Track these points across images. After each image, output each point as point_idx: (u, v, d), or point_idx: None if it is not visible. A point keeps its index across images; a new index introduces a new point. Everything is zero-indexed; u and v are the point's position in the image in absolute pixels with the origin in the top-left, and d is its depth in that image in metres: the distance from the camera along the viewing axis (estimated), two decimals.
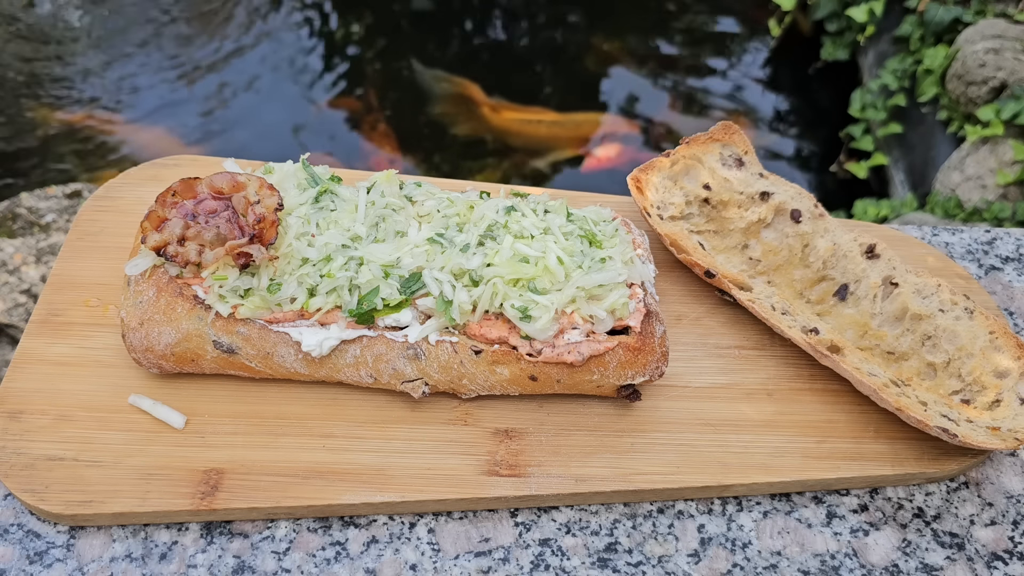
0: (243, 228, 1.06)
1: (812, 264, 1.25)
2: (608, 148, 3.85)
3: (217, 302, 1.04)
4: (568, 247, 1.08)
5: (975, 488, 1.13)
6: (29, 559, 0.99)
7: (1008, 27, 3.36)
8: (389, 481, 1.03)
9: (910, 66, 3.60)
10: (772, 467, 1.08)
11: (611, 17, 4.39)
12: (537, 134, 3.86)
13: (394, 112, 3.89)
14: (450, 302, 1.03)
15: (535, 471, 1.06)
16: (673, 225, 1.28)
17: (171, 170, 1.34)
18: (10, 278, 2.60)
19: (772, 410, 1.14)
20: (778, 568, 1.04)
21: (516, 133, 3.85)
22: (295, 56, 4.09)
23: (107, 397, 1.09)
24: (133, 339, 1.06)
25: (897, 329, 1.19)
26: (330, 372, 1.07)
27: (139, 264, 1.06)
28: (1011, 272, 1.39)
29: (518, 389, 1.08)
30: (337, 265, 1.04)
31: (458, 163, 3.74)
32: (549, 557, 1.03)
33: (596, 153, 3.83)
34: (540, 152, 3.81)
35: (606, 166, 3.79)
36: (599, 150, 3.84)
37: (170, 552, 1.00)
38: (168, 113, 3.79)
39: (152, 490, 1.01)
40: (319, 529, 1.04)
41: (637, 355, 1.05)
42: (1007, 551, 1.07)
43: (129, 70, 3.93)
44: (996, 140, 3.16)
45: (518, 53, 4.23)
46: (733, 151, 1.34)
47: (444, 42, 4.21)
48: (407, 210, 1.13)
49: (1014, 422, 1.08)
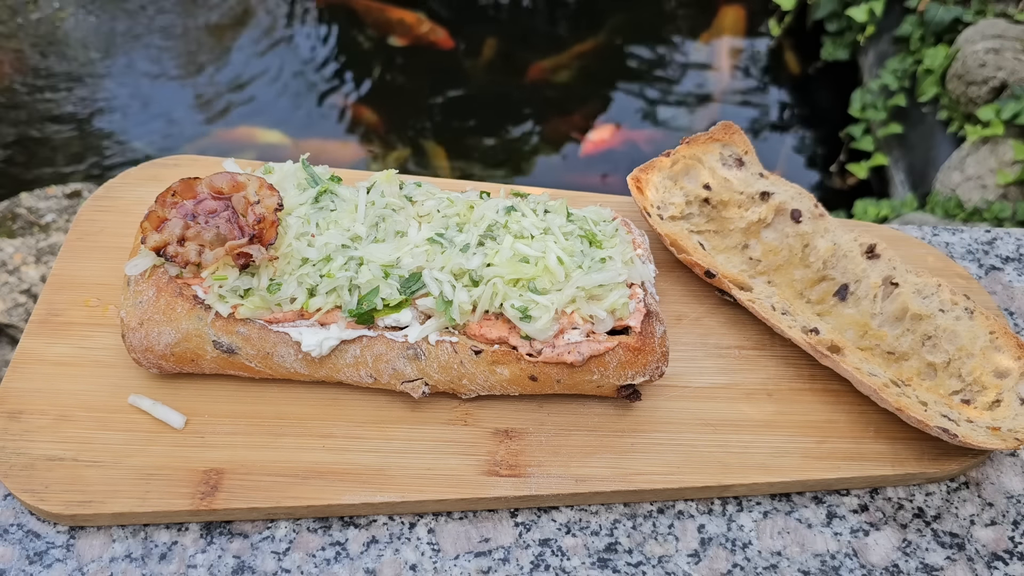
0: (243, 228, 1.06)
1: (812, 264, 1.25)
2: (601, 131, 3.85)
3: (217, 302, 1.04)
4: (568, 247, 1.08)
5: (975, 488, 1.13)
6: (29, 559, 0.99)
7: (1008, 27, 3.36)
8: (389, 481, 1.03)
9: (910, 66, 3.60)
10: (772, 467, 1.08)
11: (609, 14, 4.39)
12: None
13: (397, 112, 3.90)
14: (450, 302, 1.03)
15: (535, 471, 1.06)
16: (673, 225, 1.28)
17: (171, 170, 1.34)
18: (10, 278, 2.60)
19: (772, 410, 1.14)
20: (778, 568, 1.04)
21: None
22: (296, 56, 4.09)
23: (107, 397, 1.09)
24: (133, 339, 1.06)
25: (897, 329, 1.19)
26: (330, 372, 1.07)
27: (139, 264, 1.06)
28: (1011, 272, 1.39)
29: (518, 389, 1.08)
30: (337, 265, 1.04)
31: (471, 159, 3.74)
32: (549, 557, 1.03)
33: (591, 137, 3.83)
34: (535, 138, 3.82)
35: (603, 148, 3.80)
36: (593, 134, 3.84)
37: (170, 552, 1.00)
38: (168, 113, 3.79)
39: (152, 490, 1.00)
40: (319, 529, 1.03)
41: (637, 355, 1.05)
42: (1007, 551, 1.07)
43: (129, 70, 3.92)
44: (996, 140, 3.16)
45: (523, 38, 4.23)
46: (733, 151, 1.34)
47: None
48: (407, 210, 1.13)
49: (1014, 422, 1.08)
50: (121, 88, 3.85)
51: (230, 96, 3.86)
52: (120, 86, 3.86)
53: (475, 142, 3.79)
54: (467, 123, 3.85)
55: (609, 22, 4.30)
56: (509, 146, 3.80)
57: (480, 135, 3.81)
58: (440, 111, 3.89)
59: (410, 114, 3.88)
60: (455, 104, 3.91)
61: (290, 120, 3.81)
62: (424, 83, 3.98)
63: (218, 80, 3.90)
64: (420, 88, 3.97)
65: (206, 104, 3.83)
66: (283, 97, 3.88)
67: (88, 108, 3.75)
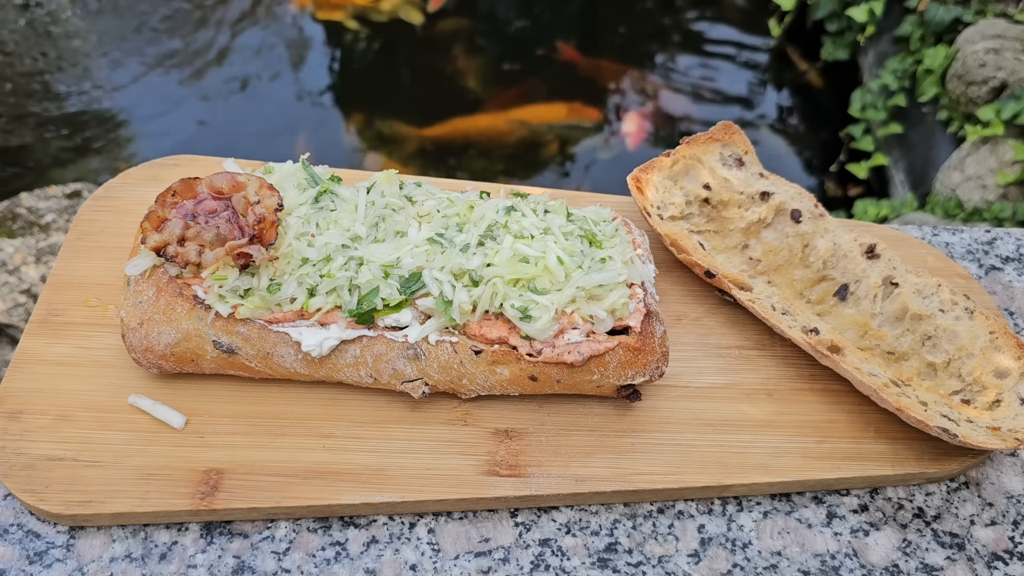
0: (243, 228, 1.06)
1: (812, 264, 1.25)
2: (629, 121, 3.87)
3: (217, 302, 1.04)
4: (568, 247, 1.08)
5: (975, 488, 1.13)
6: (29, 559, 0.99)
7: (1008, 27, 3.36)
8: (389, 481, 1.03)
9: (910, 66, 3.60)
10: (772, 467, 1.08)
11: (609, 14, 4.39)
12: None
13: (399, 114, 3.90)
14: (450, 302, 1.03)
15: (535, 471, 1.06)
16: (673, 225, 1.28)
17: (171, 170, 1.34)
18: (10, 278, 2.60)
19: (772, 410, 1.14)
20: (778, 568, 1.04)
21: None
22: (296, 57, 4.09)
23: (107, 397, 1.09)
24: (133, 339, 1.06)
25: (897, 329, 1.19)
26: (330, 372, 1.07)
27: (139, 264, 1.06)
28: (1011, 272, 1.39)
29: (518, 389, 1.08)
30: (337, 265, 1.04)
31: (476, 164, 3.75)
32: (549, 557, 1.03)
33: (625, 129, 3.85)
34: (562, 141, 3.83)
35: (645, 136, 3.82)
36: (624, 126, 3.86)
37: (170, 552, 1.00)
38: (168, 113, 3.79)
39: (152, 490, 1.00)
40: (319, 529, 1.03)
41: (637, 355, 1.05)
42: (1007, 551, 1.07)
43: (130, 69, 3.92)
44: (996, 140, 3.16)
45: (517, 54, 4.23)
46: (733, 151, 1.34)
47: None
48: (407, 210, 1.13)
49: (1014, 422, 1.08)
50: (121, 87, 3.85)
51: (231, 97, 3.86)
52: (121, 86, 3.86)
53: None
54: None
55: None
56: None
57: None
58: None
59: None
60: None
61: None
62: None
63: (223, 80, 3.90)
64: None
65: (206, 103, 3.83)
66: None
67: (89, 107, 3.75)
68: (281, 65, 4.03)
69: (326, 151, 3.72)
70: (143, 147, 3.65)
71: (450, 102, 3.93)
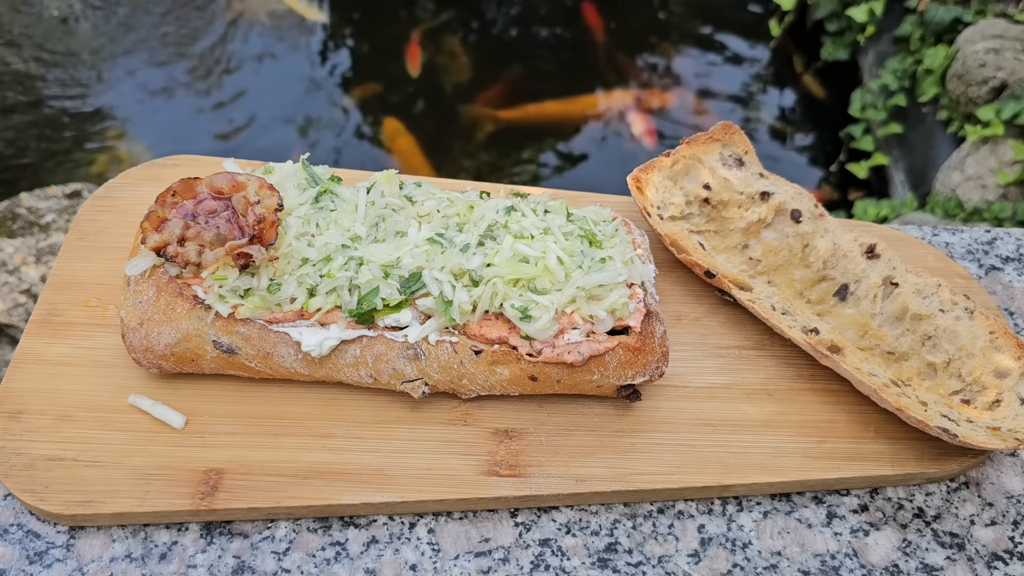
0: (243, 228, 1.06)
1: (812, 264, 1.25)
2: (637, 121, 3.86)
3: (217, 302, 1.04)
4: (568, 247, 1.08)
5: (975, 488, 1.13)
6: (29, 559, 0.99)
7: (1008, 27, 3.36)
8: (389, 481, 1.03)
9: (910, 66, 3.60)
10: (772, 467, 1.08)
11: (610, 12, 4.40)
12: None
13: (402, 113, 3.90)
14: (450, 302, 1.03)
15: (535, 471, 1.06)
16: (673, 225, 1.28)
17: (171, 170, 1.34)
18: (10, 278, 2.60)
19: (772, 410, 1.14)
20: (778, 568, 1.04)
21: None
22: (298, 56, 4.09)
23: (107, 397, 1.09)
24: (133, 339, 1.06)
25: (897, 329, 1.19)
26: (330, 372, 1.07)
27: (139, 264, 1.06)
28: (1011, 272, 1.39)
29: (518, 389, 1.08)
30: (337, 265, 1.04)
31: (487, 162, 3.75)
32: (549, 557, 1.03)
33: (634, 128, 3.85)
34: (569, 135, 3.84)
35: (654, 131, 3.83)
36: (634, 126, 3.86)
37: (170, 552, 1.00)
38: (168, 113, 3.79)
39: (152, 490, 1.00)
40: (319, 529, 1.03)
41: (637, 355, 1.05)
42: (1007, 551, 1.07)
43: (130, 70, 3.92)
44: (996, 140, 3.16)
45: (519, 51, 4.23)
46: (733, 151, 1.34)
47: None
48: (407, 210, 1.13)
49: (1014, 422, 1.08)
50: (122, 88, 3.85)
51: (232, 96, 3.86)
52: (121, 85, 3.86)
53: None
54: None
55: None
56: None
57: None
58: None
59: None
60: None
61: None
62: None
63: (224, 79, 3.90)
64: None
65: (207, 103, 3.83)
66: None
67: (88, 107, 3.75)
68: (286, 61, 4.03)
69: (333, 150, 3.72)
70: (143, 147, 3.65)
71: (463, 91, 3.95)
